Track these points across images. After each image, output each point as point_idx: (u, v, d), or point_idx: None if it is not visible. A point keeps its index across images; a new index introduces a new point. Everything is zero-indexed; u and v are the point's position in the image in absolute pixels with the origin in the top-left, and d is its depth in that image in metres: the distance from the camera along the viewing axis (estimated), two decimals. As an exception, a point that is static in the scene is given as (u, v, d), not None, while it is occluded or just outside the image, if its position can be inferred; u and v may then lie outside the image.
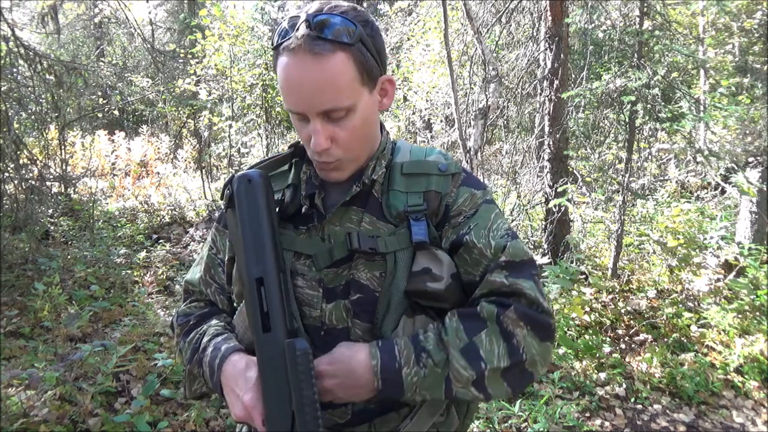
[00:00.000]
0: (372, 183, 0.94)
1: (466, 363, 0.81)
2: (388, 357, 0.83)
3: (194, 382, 0.96)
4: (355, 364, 0.83)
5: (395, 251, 0.90)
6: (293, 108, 0.86)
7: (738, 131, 5.53)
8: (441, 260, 0.90)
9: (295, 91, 0.83)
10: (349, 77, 0.83)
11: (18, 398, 2.41)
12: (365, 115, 0.89)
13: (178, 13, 13.53)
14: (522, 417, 2.76)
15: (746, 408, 3.05)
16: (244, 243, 0.84)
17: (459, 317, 0.86)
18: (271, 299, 0.81)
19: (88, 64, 8.65)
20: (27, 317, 3.57)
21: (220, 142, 8.42)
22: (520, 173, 5.86)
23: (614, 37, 4.82)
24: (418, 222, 0.90)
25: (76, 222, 5.79)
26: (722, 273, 4.27)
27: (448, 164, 0.97)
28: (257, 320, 0.81)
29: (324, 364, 0.83)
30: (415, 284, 0.88)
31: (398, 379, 0.82)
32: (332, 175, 0.92)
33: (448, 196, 0.94)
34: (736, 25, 7.07)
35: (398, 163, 0.97)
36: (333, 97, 0.82)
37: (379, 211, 0.93)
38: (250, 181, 0.86)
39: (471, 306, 0.88)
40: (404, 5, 8.73)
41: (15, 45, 4.45)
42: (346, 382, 0.82)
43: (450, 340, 0.83)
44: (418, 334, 0.86)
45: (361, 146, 0.91)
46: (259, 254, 0.83)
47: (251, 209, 0.84)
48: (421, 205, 0.92)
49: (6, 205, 4.52)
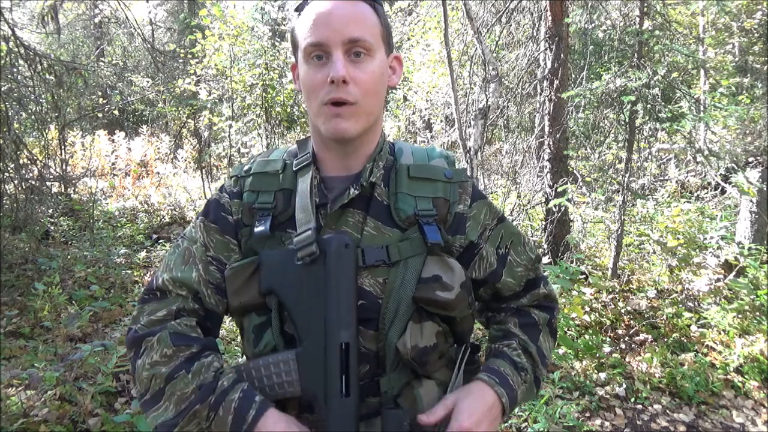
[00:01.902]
0: (372, 186, 0.92)
1: (541, 365, 0.99)
2: (509, 390, 0.92)
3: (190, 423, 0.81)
4: (492, 410, 0.90)
5: (407, 258, 0.90)
6: (318, 39, 0.85)
7: (738, 131, 5.54)
8: (453, 269, 0.90)
9: (323, 21, 0.85)
10: (374, 22, 0.89)
11: (18, 398, 2.41)
12: (381, 69, 0.90)
13: (178, 13, 13.54)
14: (522, 417, 2.76)
15: (746, 408, 3.05)
16: (332, 304, 0.85)
17: (521, 328, 1.00)
18: (352, 366, 0.84)
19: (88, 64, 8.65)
20: (27, 317, 3.57)
21: (220, 142, 8.42)
22: (520, 173, 5.86)
23: (614, 37, 4.82)
24: (429, 225, 0.90)
25: (76, 222, 5.79)
26: (722, 273, 4.27)
27: (454, 172, 0.97)
28: (335, 383, 0.84)
29: (465, 420, 0.85)
30: (423, 291, 0.88)
31: (516, 404, 0.94)
32: (342, 124, 0.87)
33: (459, 205, 0.96)
34: (736, 25, 7.07)
35: (404, 165, 0.95)
36: (360, 28, 0.86)
37: (385, 215, 0.92)
38: (347, 246, 0.87)
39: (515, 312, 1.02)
40: (404, 5, 8.73)
41: (15, 45, 4.45)
42: (486, 424, 0.88)
43: (534, 351, 0.98)
44: (510, 352, 0.97)
45: (375, 98, 0.90)
46: (346, 321, 0.85)
47: (345, 275, 0.86)
48: (431, 210, 0.92)
49: (6, 205, 4.52)
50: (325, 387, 0.84)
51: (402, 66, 0.99)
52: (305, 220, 0.89)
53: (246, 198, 0.96)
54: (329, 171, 0.96)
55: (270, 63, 7.30)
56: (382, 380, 0.90)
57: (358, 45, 0.85)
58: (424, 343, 0.89)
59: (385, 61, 0.92)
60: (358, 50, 0.86)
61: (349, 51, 0.85)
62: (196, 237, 0.96)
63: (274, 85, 7.37)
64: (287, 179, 0.95)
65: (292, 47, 0.95)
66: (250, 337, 0.92)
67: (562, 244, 4.76)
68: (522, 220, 5.44)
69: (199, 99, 7.68)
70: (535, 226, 5.54)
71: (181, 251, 0.95)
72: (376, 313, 0.88)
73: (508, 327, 1.00)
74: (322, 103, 0.87)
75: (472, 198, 0.97)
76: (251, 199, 0.95)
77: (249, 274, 0.90)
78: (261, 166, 0.98)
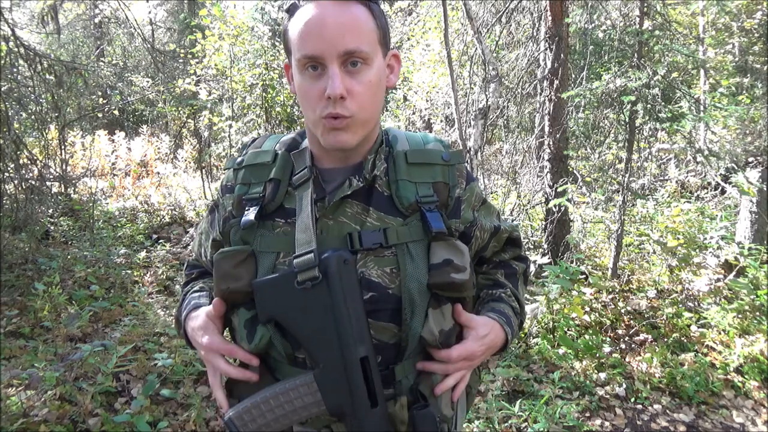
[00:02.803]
0: (373, 179, 0.92)
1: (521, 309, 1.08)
2: (512, 329, 1.01)
3: (180, 328, 1.04)
4: (497, 344, 0.99)
5: (407, 242, 0.89)
6: (312, 51, 0.83)
7: (738, 131, 5.53)
8: (462, 251, 0.91)
9: (317, 32, 0.82)
10: (370, 27, 0.86)
11: (18, 398, 2.41)
12: (379, 76, 0.88)
13: (178, 13, 13.54)
14: (522, 417, 2.76)
15: (746, 408, 3.05)
16: (344, 322, 0.85)
17: (506, 277, 1.10)
18: (375, 377, 0.85)
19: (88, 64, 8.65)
20: (27, 317, 3.57)
21: (220, 142, 8.42)
22: (520, 173, 5.86)
23: (614, 37, 4.82)
24: (431, 213, 0.90)
25: (76, 222, 5.79)
26: (722, 273, 4.27)
27: (451, 154, 0.97)
28: (362, 397, 0.85)
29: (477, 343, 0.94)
30: (438, 277, 0.88)
31: (513, 340, 1.03)
32: (341, 137, 0.87)
33: (457, 189, 0.96)
34: (736, 25, 7.07)
35: (401, 151, 0.95)
36: (356, 38, 0.83)
37: (388, 204, 0.91)
38: (346, 261, 0.86)
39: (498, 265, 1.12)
40: (404, 5, 8.72)
41: (15, 45, 4.45)
42: (488, 354, 0.99)
43: (521, 300, 1.08)
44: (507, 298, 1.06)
45: (372, 108, 0.89)
46: (361, 334, 0.85)
47: (350, 289, 0.85)
48: (432, 195, 0.92)
49: (6, 205, 4.52)
50: (353, 403, 0.85)
51: (400, 63, 0.98)
52: (305, 240, 0.87)
53: (237, 191, 0.97)
54: (326, 163, 0.95)
55: (270, 63, 7.30)
56: (396, 368, 0.90)
57: (354, 56, 0.83)
58: (447, 326, 0.91)
59: (383, 64, 0.90)
60: (354, 60, 0.84)
61: (345, 62, 0.84)
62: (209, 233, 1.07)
63: (274, 85, 7.36)
64: (278, 170, 0.94)
65: (285, 49, 0.93)
66: (242, 333, 0.91)
67: (562, 244, 4.76)
68: (522, 220, 5.44)
69: (199, 99, 7.68)
70: (535, 226, 5.54)
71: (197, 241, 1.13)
72: (387, 304, 0.88)
73: (497, 277, 1.10)
74: (320, 116, 0.86)
75: (466, 180, 0.99)
76: (242, 191, 0.96)
77: (238, 261, 0.90)
78: (252, 158, 0.98)
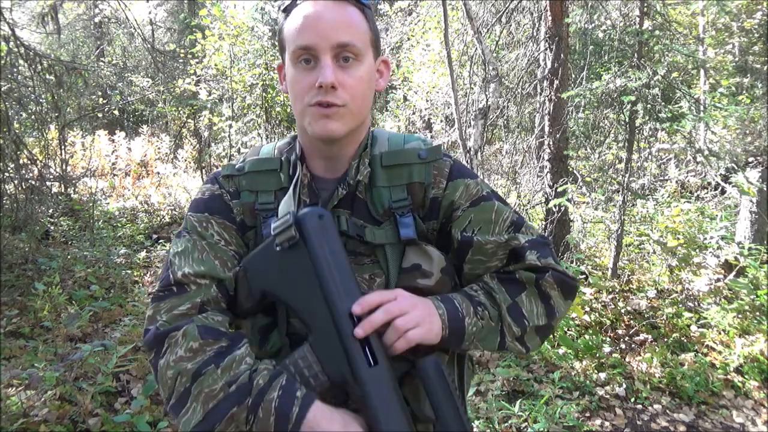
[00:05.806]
0: (356, 184, 0.92)
1: (512, 320, 0.89)
2: (452, 308, 0.86)
3: (228, 426, 0.74)
4: (427, 315, 0.83)
5: (384, 245, 0.90)
6: (307, 42, 0.84)
7: (738, 131, 5.53)
8: (431, 256, 0.90)
9: (312, 25, 0.85)
10: (363, 28, 0.89)
11: (18, 398, 2.41)
12: (369, 74, 0.90)
13: (178, 13, 13.53)
14: (522, 417, 2.76)
15: (746, 408, 3.05)
16: (326, 278, 0.80)
17: (499, 281, 0.92)
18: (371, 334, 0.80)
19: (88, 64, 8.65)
20: (27, 317, 3.57)
21: (220, 142, 8.42)
22: (520, 173, 5.86)
23: (614, 37, 4.82)
24: (404, 217, 0.90)
25: (76, 222, 5.79)
26: (722, 273, 4.26)
27: (428, 151, 0.93)
28: (358, 356, 0.77)
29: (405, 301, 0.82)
30: (405, 281, 0.89)
31: (461, 327, 0.86)
32: (330, 125, 0.86)
33: (433, 188, 0.93)
34: (736, 25, 7.06)
35: (377, 155, 0.93)
36: (349, 33, 0.85)
37: (365, 212, 0.92)
38: (322, 217, 0.83)
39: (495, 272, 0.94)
40: (404, 5, 8.72)
41: (15, 45, 4.45)
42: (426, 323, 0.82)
43: (500, 298, 0.90)
44: (468, 290, 0.91)
45: (363, 102, 0.90)
46: (348, 288, 0.80)
47: (331, 244, 0.82)
48: (405, 199, 0.91)
49: (6, 205, 4.52)
50: (350, 364, 0.77)
51: (389, 69, 0.99)
52: (287, 208, 0.88)
53: (244, 198, 0.94)
54: (318, 171, 0.95)
55: (270, 63, 7.30)
56: None
57: (346, 50, 0.85)
58: None
59: (373, 65, 0.92)
60: (346, 55, 0.86)
61: (338, 56, 0.85)
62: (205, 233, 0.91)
63: (274, 85, 7.36)
64: (286, 177, 0.94)
65: (279, 48, 0.94)
66: (255, 338, 0.91)
67: (562, 244, 4.75)
68: (522, 220, 5.42)
69: (199, 99, 7.69)
70: (535, 226, 5.52)
71: (194, 245, 0.89)
72: None
73: (484, 279, 0.93)
74: (309, 104, 0.86)
75: (447, 179, 0.93)
76: (251, 199, 0.94)
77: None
78: (256, 164, 0.96)
